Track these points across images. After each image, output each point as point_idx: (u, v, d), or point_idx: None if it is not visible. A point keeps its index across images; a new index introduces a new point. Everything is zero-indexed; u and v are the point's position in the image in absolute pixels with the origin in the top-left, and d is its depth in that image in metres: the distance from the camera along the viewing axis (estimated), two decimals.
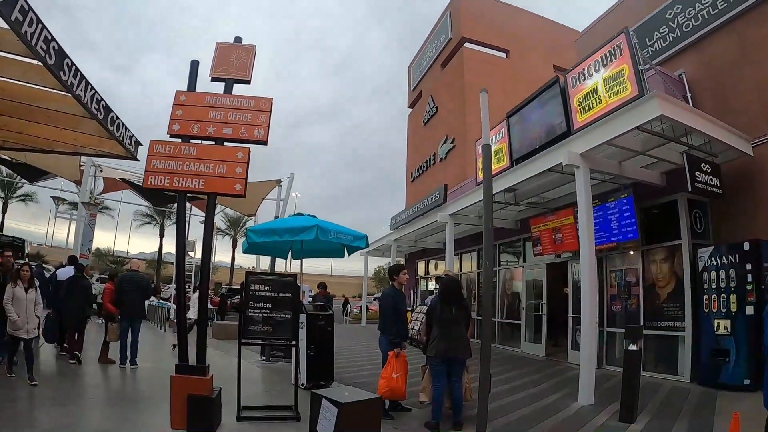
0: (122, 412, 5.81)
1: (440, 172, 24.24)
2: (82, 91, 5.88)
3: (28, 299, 7.00)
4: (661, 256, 9.55)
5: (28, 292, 7.05)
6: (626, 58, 8.05)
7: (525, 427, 5.91)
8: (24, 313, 6.88)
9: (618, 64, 8.19)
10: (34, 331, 7.16)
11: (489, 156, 5.42)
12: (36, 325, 7.22)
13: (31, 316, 7.01)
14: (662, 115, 6.77)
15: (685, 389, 7.93)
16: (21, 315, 6.82)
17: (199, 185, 5.34)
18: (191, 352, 5.36)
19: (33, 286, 7.20)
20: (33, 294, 7.15)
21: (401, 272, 6.79)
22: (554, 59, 24.35)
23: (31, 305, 7.06)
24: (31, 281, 7.19)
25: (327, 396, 4.22)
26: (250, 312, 5.98)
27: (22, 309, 6.87)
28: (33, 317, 7.08)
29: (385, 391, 5.93)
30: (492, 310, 13.32)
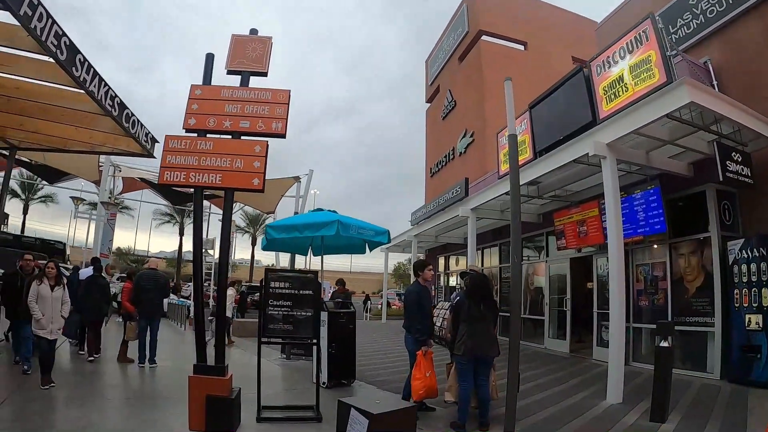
0: (140, 413, 5.74)
1: (460, 166, 24.05)
2: (96, 87, 5.81)
3: (53, 297, 6.70)
4: (689, 249, 9.28)
5: (54, 291, 6.75)
6: (653, 44, 7.76)
7: (553, 427, 5.71)
8: (49, 311, 6.60)
9: (644, 50, 7.90)
10: (57, 332, 6.86)
11: (515, 146, 5.22)
12: (60, 325, 6.91)
13: (56, 315, 6.72)
14: (692, 103, 6.51)
15: (715, 387, 7.70)
16: (46, 314, 6.55)
17: (216, 180, 5.19)
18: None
19: (60, 285, 6.88)
20: (59, 292, 6.84)
21: (426, 268, 6.59)
22: (573, 51, 24.02)
23: (57, 304, 6.76)
24: (58, 279, 6.88)
25: (356, 406, 3.96)
26: (270, 310, 5.85)
27: (47, 308, 6.59)
28: (58, 317, 6.78)
29: (422, 392, 5.79)
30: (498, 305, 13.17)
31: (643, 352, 9.73)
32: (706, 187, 8.88)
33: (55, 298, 6.73)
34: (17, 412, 5.41)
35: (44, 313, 6.56)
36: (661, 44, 7.67)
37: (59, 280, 6.91)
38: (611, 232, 7.46)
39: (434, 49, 30.38)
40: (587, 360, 10.89)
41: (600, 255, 11.28)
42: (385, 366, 9.84)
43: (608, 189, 7.53)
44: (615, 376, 7.00)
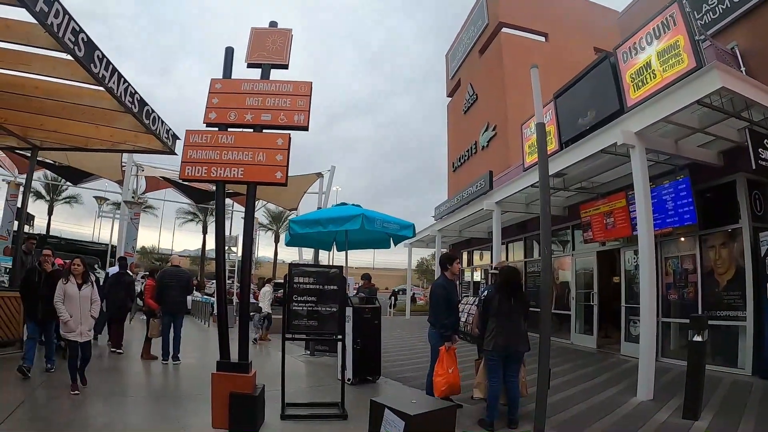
0: (163, 410, 5.71)
1: (482, 160, 23.82)
2: (115, 83, 5.78)
3: (81, 296, 6.15)
4: (719, 241, 9.02)
5: (82, 289, 6.20)
6: (681, 29, 7.51)
7: (583, 425, 5.55)
8: (77, 312, 6.08)
9: (672, 35, 7.66)
10: (88, 333, 6.30)
11: (543, 134, 5.06)
12: (91, 326, 6.33)
13: (85, 315, 6.18)
14: (723, 88, 6.26)
15: (747, 383, 7.50)
16: (74, 315, 6.04)
17: (238, 174, 5.12)
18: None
19: (88, 282, 6.30)
20: (88, 290, 6.28)
21: (454, 262, 6.44)
22: (594, 41, 23.57)
23: (86, 304, 6.21)
24: (85, 276, 6.31)
25: (391, 406, 3.74)
26: (294, 306, 5.76)
27: (75, 308, 6.07)
28: (87, 317, 6.23)
29: (444, 389, 5.64)
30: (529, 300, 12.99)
31: (671, 348, 9.49)
32: (736, 177, 8.64)
33: (83, 297, 6.19)
34: (39, 409, 5.41)
35: (72, 314, 6.04)
36: (689, 29, 7.43)
37: (86, 278, 6.34)
38: (641, 223, 7.26)
39: (454, 43, 30.16)
40: (615, 355, 10.69)
41: (627, 248, 11.06)
42: (410, 362, 9.74)
43: (637, 179, 7.32)
44: (646, 373, 6.82)
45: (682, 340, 9.55)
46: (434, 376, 5.78)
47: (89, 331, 6.34)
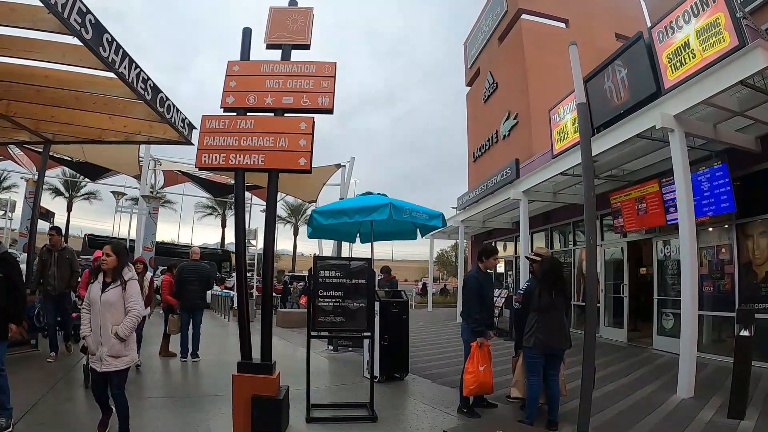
0: (182, 413, 5.42)
1: (504, 150, 23.36)
2: (126, 68, 5.49)
3: (103, 302, 4.16)
4: (758, 230, 8.64)
5: (107, 292, 4.20)
6: (721, 6, 7.09)
7: (627, 425, 5.26)
8: (96, 326, 4.17)
9: (711, 13, 7.24)
10: (112, 360, 4.14)
11: (587, 114, 4.71)
12: (114, 349, 4.12)
13: (105, 332, 4.12)
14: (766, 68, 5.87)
15: None
16: (94, 329, 4.19)
17: (259, 161, 4.81)
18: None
19: (118, 281, 4.25)
20: (116, 293, 4.21)
21: (492, 256, 6.08)
22: (616, 27, 23.07)
23: (109, 313, 4.16)
24: (116, 273, 4.28)
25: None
26: (319, 301, 5.47)
27: (94, 319, 4.21)
28: (108, 335, 4.11)
29: (473, 387, 5.35)
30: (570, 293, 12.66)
31: (704, 342, 9.08)
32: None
33: (105, 303, 4.16)
34: (50, 412, 5.15)
35: (92, 329, 4.21)
36: (730, 6, 7.02)
37: (118, 275, 4.28)
38: (682, 211, 6.90)
39: (472, 31, 29.69)
40: (647, 350, 10.37)
41: (660, 238, 10.72)
42: (437, 357, 9.52)
43: (677, 165, 6.96)
44: (686, 369, 6.51)
45: (716, 334, 9.27)
46: (464, 373, 5.49)
47: (116, 357, 4.15)
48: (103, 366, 4.16)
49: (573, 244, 14.65)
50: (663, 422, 5.40)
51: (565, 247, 15.20)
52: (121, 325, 4.15)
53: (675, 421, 5.42)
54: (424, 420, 5.45)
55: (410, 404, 6.21)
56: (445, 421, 5.37)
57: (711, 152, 8.69)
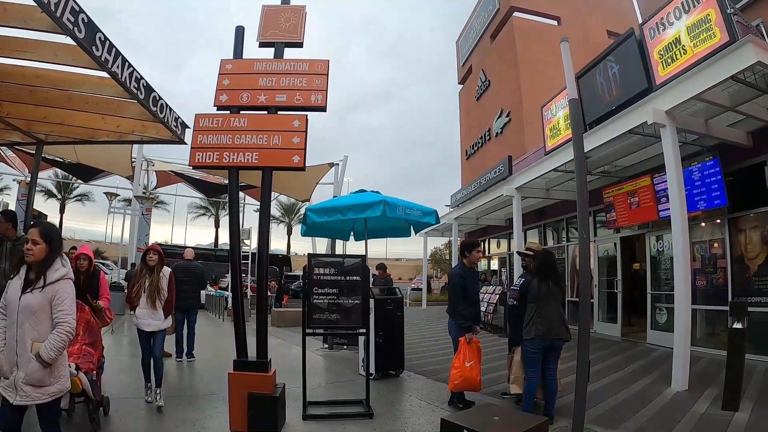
0: (178, 412, 5.37)
1: (496, 147, 23.60)
2: (119, 68, 5.44)
3: (21, 308, 2.99)
4: (750, 224, 8.70)
5: (27, 294, 3.01)
6: (712, 2, 7.15)
7: (622, 418, 5.30)
8: (13, 338, 2.99)
9: (702, 9, 7.30)
10: (27, 390, 2.97)
11: (578, 110, 4.75)
12: (35, 376, 2.97)
13: (23, 350, 2.97)
14: (758, 63, 5.93)
15: None
16: (9, 342, 3.01)
17: (253, 159, 4.80)
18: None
19: (41, 281, 3.05)
20: (38, 298, 3.02)
21: (475, 249, 6.10)
22: (608, 24, 23.31)
23: (28, 323, 3.00)
24: (42, 268, 3.08)
25: (472, 428, 3.04)
26: (314, 299, 5.46)
27: (10, 329, 3.01)
28: (25, 355, 2.97)
29: (458, 382, 5.37)
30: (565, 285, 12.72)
31: (698, 336, 9.15)
32: (766, 158, 8.37)
33: (24, 310, 2.99)
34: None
35: (7, 341, 3.01)
36: (721, 1, 7.08)
37: (43, 271, 3.07)
38: (674, 206, 6.96)
39: (464, 29, 29.88)
40: (641, 344, 10.45)
41: (653, 233, 10.80)
42: (432, 354, 9.55)
43: (669, 160, 7.03)
44: (681, 362, 6.58)
45: (709, 328, 9.36)
46: (451, 368, 5.51)
47: (36, 386, 2.98)
48: (17, 397, 2.93)
49: (566, 240, 14.72)
50: (658, 415, 5.44)
51: (558, 243, 15.26)
52: (44, 344, 2.93)
53: (670, 413, 5.47)
54: (420, 416, 5.47)
55: (406, 400, 6.22)
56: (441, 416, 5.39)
57: (703, 147, 8.73)
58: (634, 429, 5.00)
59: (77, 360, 4.44)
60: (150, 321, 5.64)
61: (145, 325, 5.62)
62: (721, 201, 8.31)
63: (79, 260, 5.37)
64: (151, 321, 5.64)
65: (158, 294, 5.68)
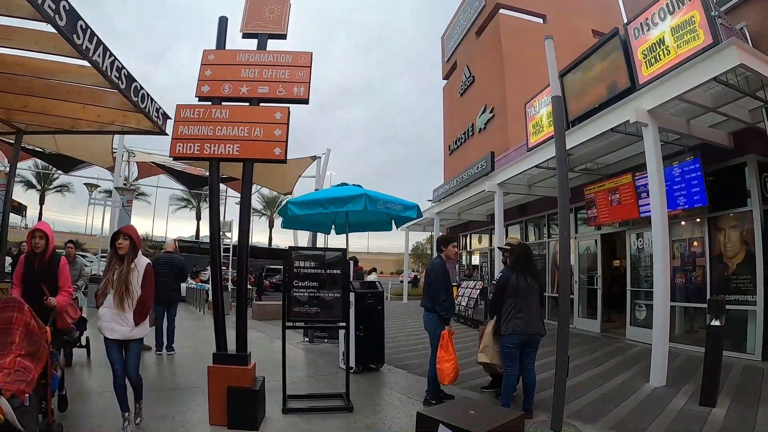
0: (157, 406, 5.24)
1: (480, 143, 23.63)
2: (100, 57, 5.36)
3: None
4: (728, 224, 8.82)
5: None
6: (696, 4, 7.24)
7: (600, 413, 5.33)
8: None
9: (687, 10, 7.38)
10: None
11: (560, 107, 4.74)
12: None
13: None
14: (741, 65, 6.00)
15: (759, 369, 7.34)
16: None
17: (234, 151, 4.77)
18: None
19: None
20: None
21: (450, 244, 6.12)
22: (593, 24, 23.47)
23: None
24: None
25: (447, 422, 3.01)
26: (294, 292, 5.41)
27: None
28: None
29: (453, 374, 5.34)
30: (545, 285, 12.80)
31: (676, 333, 9.27)
32: (746, 159, 8.46)
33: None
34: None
35: None
36: (706, 4, 7.16)
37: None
38: (655, 204, 7.01)
39: (450, 24, 29.84)
40: (620, 340, 10.54)
41: (633, 230, 10.90)
42: (412, 348, 9.54)
43: (650, 158, 7.07)
44: (659, 359, 6.64)
45: (688, 325, 9.46)
46: (441, 362, 5.43)
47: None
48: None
49: (547, 237, 14.80)
50: (636, 409, 5.50)
51: (539, 239, 15.34)
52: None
53: (648, 408, 5.53)
54: (400, 410, 5.47)
55: (386, 394, 6.22)
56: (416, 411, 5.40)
57: (684, 147, 8.81)
58: (613, 424, 5.03)
59: (4, 378, 3.21)
60: (113, 326, 4.28)
61: (107, 330, 4.29)
62: (701, 200, 8.39)
63: (34, 239, 4.57)
64: (114, 326, 4.28)
65: (126, 291, 4.28)
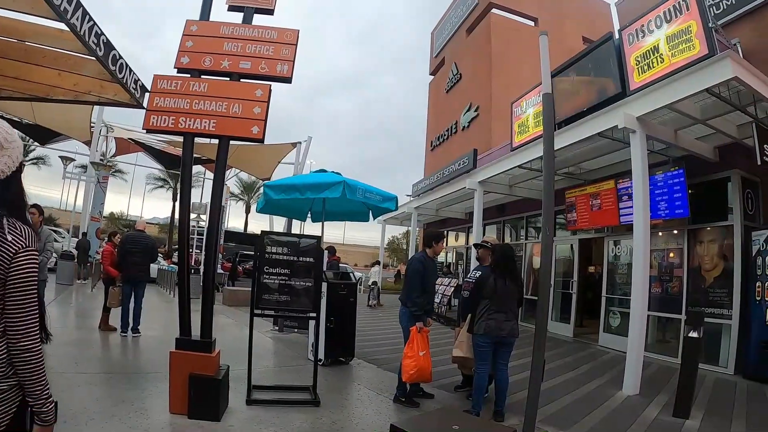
0: (117, 390, 5.04)
1: (462, 140, 23.68)
2: (78, 20, 5.10)
3: None
4: (708, 237, 8.85)
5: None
6: (694, 14, 7.19)
7: (573, 419, 5.27)
8: None
9: (684, 20, 7.32)
10: None
11: (551, 106, 4.59)
12: None
13: None
14: (735, 78, 5.96)
15: (731, 382, 7.37)
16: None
17: (210, 127, 4.53)
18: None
19: None
20: None
21: (441, 240, 5.98)
22: (584, 30, 23.64)
23: None
24: None
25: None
26: (265, 278, 5.21)
27: None
28: None
29: (413, 372, 5.17)
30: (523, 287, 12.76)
31: (649, 341, 9.25)
32: (731, 173, 8.52)
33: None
34: None
35: None
36: (703, 15, 7.13)
37: None
38: (638, 212, 6.95)
39: (441, 21, 29.84)
40: (593, 346, 10.56)
41: (611, 237, 10.91)
42: (384, 342, 9.41)
43: (636, 165, 7.01)
44: (633, 367, 6.62)
45: (661, 334, 9.53)
46: (403, 358, 5.31)
47: None
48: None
49: (525, 238, 14.79)
50: (609, 418, 5.45)
51: (516, 240, 15.31)
52: None
53: (621, 417, 5.49)
54: (368, 406, 5.33)
55: (354, 389, 6.08)
56: (389, 408, 5.26)
57: (669, 158, 8.83)
58: (586, 431, 4.99)
59: None
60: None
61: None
62: (683, 212, 8.39)
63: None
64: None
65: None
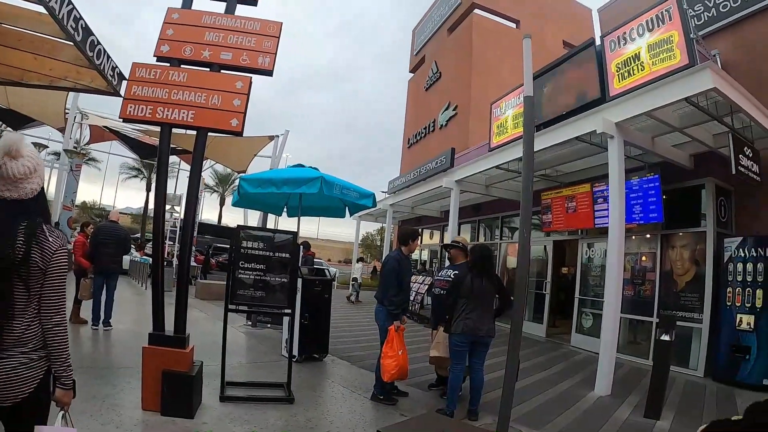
0: (88, 386, 4.85)
1: (439, 139, 23.74)
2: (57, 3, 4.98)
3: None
4: (681, 242, 9.00)
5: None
6: (676, 24, 7.28)
7: (545, 419, 5.31)
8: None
9: (666, 29, 7.41)
10: None
11: (531, 107, 4.60)
12: None
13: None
14: (714, 89, 6.07)
15: (701, 385, 7.51)
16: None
17: (188, 118, 4.45)
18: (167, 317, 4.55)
19: None
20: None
21: (416, 239, 5.99)
22: (565, 35, 23.89)
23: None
24: None
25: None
26: (240, 273, 5.15)
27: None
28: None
29: (394, 372, 5.16)
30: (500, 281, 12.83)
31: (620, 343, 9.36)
32: (705, 181, 8.69)
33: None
34: None
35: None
36: (685, 25, 7.22)
37: None
38: (614, 216, 7.02)
39: (423, 19, 29.90)
40: (565, 346, 10.66)
41: (586, 239, 11.03)
42: (358, 339, 9.41)
43: (613, 170, 7.09)
44: (605, 368, 6.69)
45: (632, 336, 9.67)
46: (383, 358, 5.30)
47: None
48: None
49: (499, 238, 14.89)
50: (581, 418, 5.51)
51: (491, 240, 15.41)
52: None
53: (593, 417, 5.54)
54: (342, 404, 5.31)
55: (328, 386, 6.06)
56: (363, 406, 5.25)
57: (645, 163, 8.96)
58: (558, 431, 5.03)
59: None
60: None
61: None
62: (657, 217, 8.53)
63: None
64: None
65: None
